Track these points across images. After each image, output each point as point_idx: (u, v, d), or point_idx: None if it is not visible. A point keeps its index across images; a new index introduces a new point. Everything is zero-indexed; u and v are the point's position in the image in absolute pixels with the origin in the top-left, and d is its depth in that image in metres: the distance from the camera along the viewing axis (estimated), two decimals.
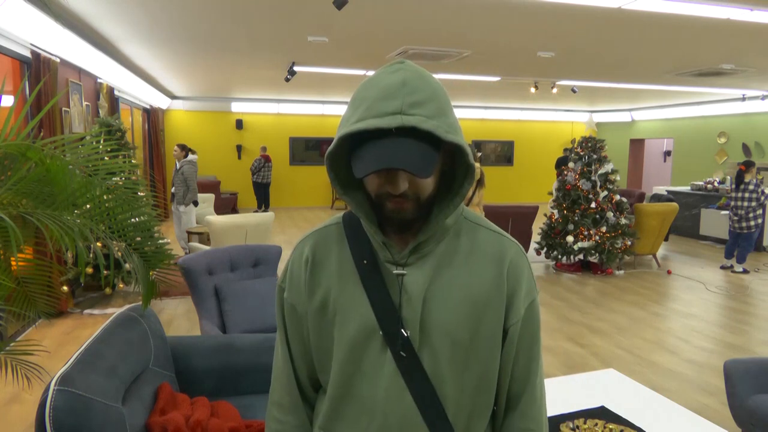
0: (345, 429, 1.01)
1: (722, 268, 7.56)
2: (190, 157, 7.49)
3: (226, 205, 11.66)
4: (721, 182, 10.22)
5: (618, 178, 7.19)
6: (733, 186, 7.40)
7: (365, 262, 0.98)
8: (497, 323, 0.99)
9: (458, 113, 8.61)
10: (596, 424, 1.84)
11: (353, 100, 0.90)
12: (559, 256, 7.27)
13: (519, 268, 1.01)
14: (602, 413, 1.93)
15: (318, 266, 1.03)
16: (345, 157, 0.95)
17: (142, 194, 2.17)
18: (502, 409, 1.06)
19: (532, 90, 9.77)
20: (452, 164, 0.97)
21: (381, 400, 0.97)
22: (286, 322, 1.08)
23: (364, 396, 0.98)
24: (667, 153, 15.33)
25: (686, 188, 10.71)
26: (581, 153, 7.26)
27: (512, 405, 1.05)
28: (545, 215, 7.61)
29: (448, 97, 0.91)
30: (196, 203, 7.47)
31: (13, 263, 2.01)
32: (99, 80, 7.12)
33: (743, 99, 10.65)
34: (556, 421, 1.86)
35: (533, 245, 7.58)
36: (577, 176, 7.15)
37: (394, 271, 0.97)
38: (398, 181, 0.88)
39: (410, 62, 0.91)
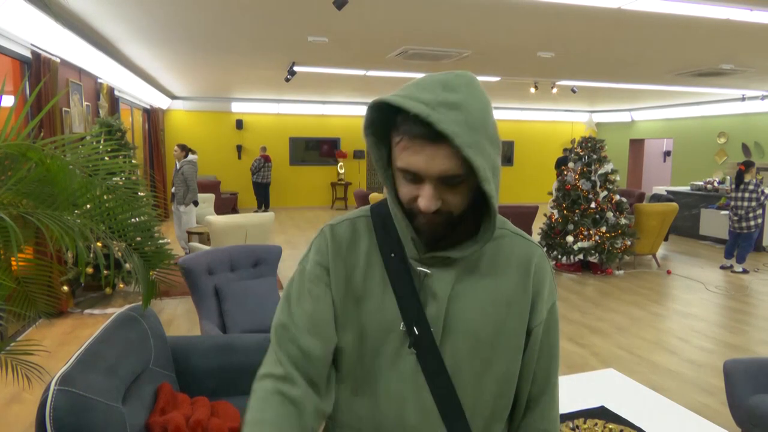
0: (360, 422, 0.99)
1: (722, 268, 7.56)
2: (190, 157, 7.49)
3: (226, 205, 11.66)
4: (721, 182, 10.21)
5: (618, 178, 7.19)
6: (733, 186, 7.40)
7: (393, 255, 0.98)
8: (521, 324, 0.99)
9: None
10: (596, 424, 1.84)
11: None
12: (559, 256, 7.27)
13: (543, 271, 1.02)
14: (602, 413, 1.93)
15: (341, 251, 1.00)
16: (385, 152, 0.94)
17: (142, 194, 2.17)
18: (522, 409, 1.05)
19: (532, 90, 9.77)
20: None
21: (399, 395, 0.96)
22: (307, 277, 1.00)
23: (382, 389, 0.97)
24: (667, 153, 15.32)
25: (686, 188, 10.71)
26: (581, 153, 7.26)
27: (532, 405, 1.05)
28: (545, 215, 7.60)
29: (489, 118, 0.87)
30: (196, 203, 7.47)
31: (14, 263, 2.01)
32: (99, 80, 7.11)
33: (743, 99, 10.65)
34: None
35: None
36: (577, 176, 7.15)
37: (418, 268, 0.96)
38: (431, 196, 0.86)
39: (470, 74, 0.88)
